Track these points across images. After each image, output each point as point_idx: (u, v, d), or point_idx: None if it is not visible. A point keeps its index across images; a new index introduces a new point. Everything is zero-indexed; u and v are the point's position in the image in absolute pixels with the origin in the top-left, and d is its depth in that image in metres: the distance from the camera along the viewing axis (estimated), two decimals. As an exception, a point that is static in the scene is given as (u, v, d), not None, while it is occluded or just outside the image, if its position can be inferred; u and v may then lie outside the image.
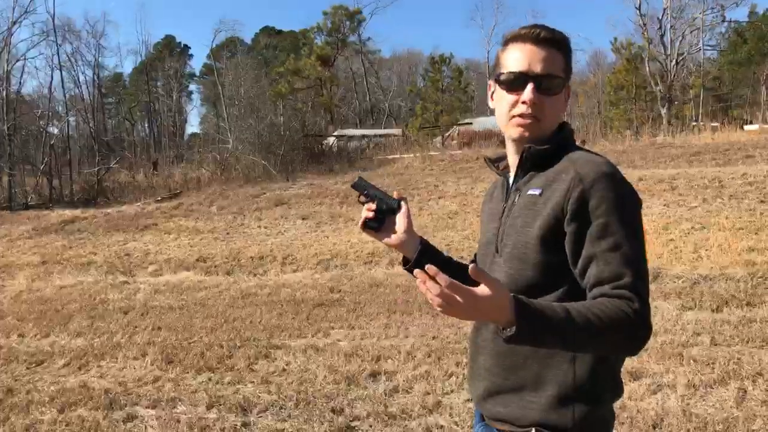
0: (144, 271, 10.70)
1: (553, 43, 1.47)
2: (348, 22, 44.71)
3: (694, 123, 29.00)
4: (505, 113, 1.49)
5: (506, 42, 1.51)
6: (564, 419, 1.39)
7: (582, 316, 1.21)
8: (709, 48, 41.92)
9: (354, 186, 1.75)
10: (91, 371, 5.48)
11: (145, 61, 53.41)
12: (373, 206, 1.69)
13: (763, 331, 5.44)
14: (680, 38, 35.83)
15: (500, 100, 1.51)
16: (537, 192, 1.43)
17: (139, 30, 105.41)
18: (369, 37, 50.12)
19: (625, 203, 1.35)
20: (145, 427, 4.07)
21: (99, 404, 4.48)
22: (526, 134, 1.47)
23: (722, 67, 44.06)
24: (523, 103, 1.44)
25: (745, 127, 24.43)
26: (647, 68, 34.98)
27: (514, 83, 1.46)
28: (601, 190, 1.33)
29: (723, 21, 40.20)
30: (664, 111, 32.89)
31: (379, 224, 1.70)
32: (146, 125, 58.25)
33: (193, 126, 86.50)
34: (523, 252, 1.41)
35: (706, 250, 8.63)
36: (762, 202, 11.23)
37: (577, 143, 1.57)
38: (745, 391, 4.11)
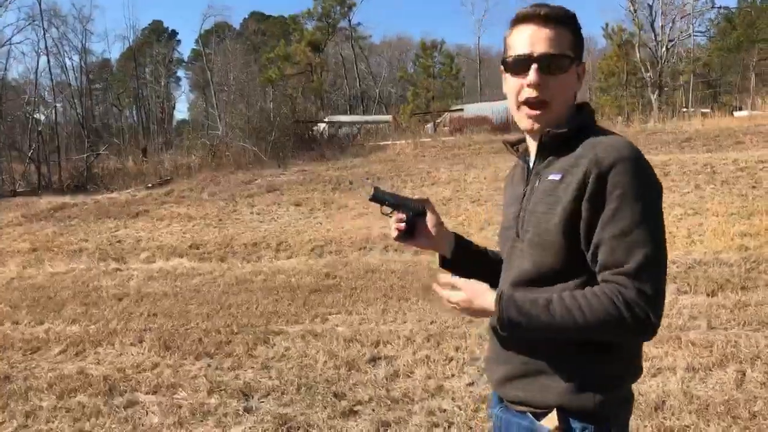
0: (136, 258, 10.63)
1: (558, 20, 1.43)
2: (338, 8, 44.40)
3: (685, 109, 29.11)
4: (513, 99, 1.47)
5: (511, 24, 1.48)
6: (585, 402, 1.39)
7: (565, 310, 1.29)
8: (698, 34, 42.00)
9: (373, 199, 1.70)
10: (89, 358, 5.45)
11: (132, 47, 52.82)
12: (402, 216, 1.65)
13: (758, 315, 5.49)
14: (670, 24, 35.90)
15: (508, 83, 1.48)
16: (557, 177, 1.41)
17: (127, 15, 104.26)
18: (359, 22, 49.87)
19: (642, 188, 1.33)
20: (147, 413, 4.05)
21: (99, 390, 4.45)
22: (536, 126, 1.45)
23: (712, 53, 44.20)
24: (528, 86, 1.42)
25: (735, 114, 24.55)
26: (638, 54, 35.04)
27: (519, 66, 1.43)
28: (618, 174, 1.31)
29: (713, 7, 40.29)
30: (654, 97, 33.00)
31: (411, 233, 1.66)
32: (134, 111, 57.76)
33: (181, 112, 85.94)
34: (545, 239, 1.40)
35: (700, 235, 8.68)
36: (753, 187, 11.30)
37: None
38: (744, 374, 4.15)
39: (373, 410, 3.90)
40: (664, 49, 34.67)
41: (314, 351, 5.21)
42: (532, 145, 1.53)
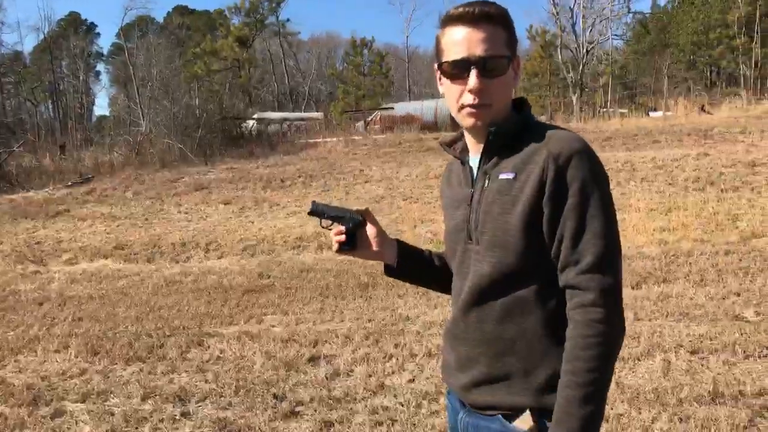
0: (57, 260, 10.14)
1: (491, 18, 1.37)
2: (266, 3, 43.77)
3: (604, 110, 30.30)
4: (454, 103, 1.42)
5: (443, 24, 1.41)
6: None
7: (589, 385, 1.27)
8: (616, 37, 43.87)
9: (311, 213, 1.67)
10: (8, 366, 5.15)
11: (48, 39, 50.36)
12: (342, 228, 1.62)
13: (679, 306, 5.78)
14: (590, 27, 37.28)
15: (447, 89, 1.43)
16: (510, 176, 1.38)
17: (41, 5, 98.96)
18: (288, 18, 49.33)
19: (598, 180, 1.33)
20: (76, 422, 3.86)
21: (22, 400, 4.21)
22: (479, 123, 1.40)
23: (628, 56, 46.25)
24: (470, 92, 1.37)
25: (651, 114, 25.76)
26: (560, 56, 36.20)
27: (457, 72, 1.38)
28: (574, 168, 1.31)
29: (629, 12, 42.13)
30: (575, 98, 34.18)
31: (352, 244, 1.63)
32: (50, 107, 55.10)
33: (101, 108, 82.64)
34: (505, 239, 1.37)
35: (623, 230, 8.97)
36: (670, 184, 11.90)
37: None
38: (669, 362, 4.35)
39: (315, 410, 3.86)
40: (584, 51, 35.97)
41: (251, 352, 5.11)
42: (473, 144, 1.48)
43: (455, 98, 1.40)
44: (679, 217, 9.48)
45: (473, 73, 1.35)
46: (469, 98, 1.37)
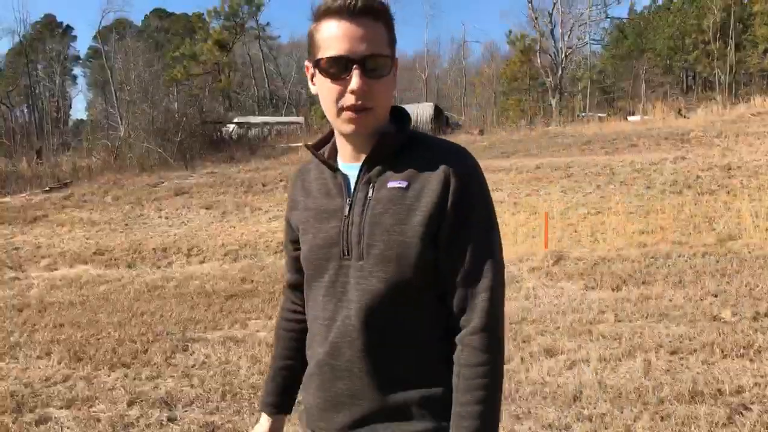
0: (36, 266, 10.04)
1: (373, 13, 1.24)
2: (246, 7, 43.66)
3: (583, 114, 30.62)
4: (332, 106, 1.27)
5: (318, 18, 1.26)
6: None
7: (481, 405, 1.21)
8: (594, 42, 44.41)
9: None
10: (-10, 373, 5.10)
11: (23, 42, 49.72)
12: None
13: (658, 307, 5.88)
14: (569, 32, 37.69)
15: (323, 89, 1.27)
16: (402, 185, 1.27)
17: (16, 7, 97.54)
18: (267, 22, 49.23)
19: (488, 195, 1.31)
20: (62, 428, 3.84)
21: (5, 408, 4.17)
22: (360, 129, 1.27)
23: (606, 60, 46.82)
24: (351, 92, 1.23)
25: (629, 118, 26.10)
26: (539, 60, 36.55)
27: (336, 70, 1.23)
28: (475, 185, 1.27)
29: (606, 17, 42.70)
30: (554, 102, 34.52)
31: None
32: (26, 110, 54.34)
33: (78, 112, 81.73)
34: (400, 252, 1.25)
35: (602, 233, 9.18)
36: (648, 188, 12.09)
37: (476, 133, 1.43)
38: (650, 362, 4.43)
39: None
40: (563, 55, 36.36)
41: (236, 357, 5.12)
42: (349, 151, 1.35)
43: (333, 100, 1.26)
44: (657, 220, 9.63)
45: (356, 73, 1.22)
46: (350, 99, 1.24)
